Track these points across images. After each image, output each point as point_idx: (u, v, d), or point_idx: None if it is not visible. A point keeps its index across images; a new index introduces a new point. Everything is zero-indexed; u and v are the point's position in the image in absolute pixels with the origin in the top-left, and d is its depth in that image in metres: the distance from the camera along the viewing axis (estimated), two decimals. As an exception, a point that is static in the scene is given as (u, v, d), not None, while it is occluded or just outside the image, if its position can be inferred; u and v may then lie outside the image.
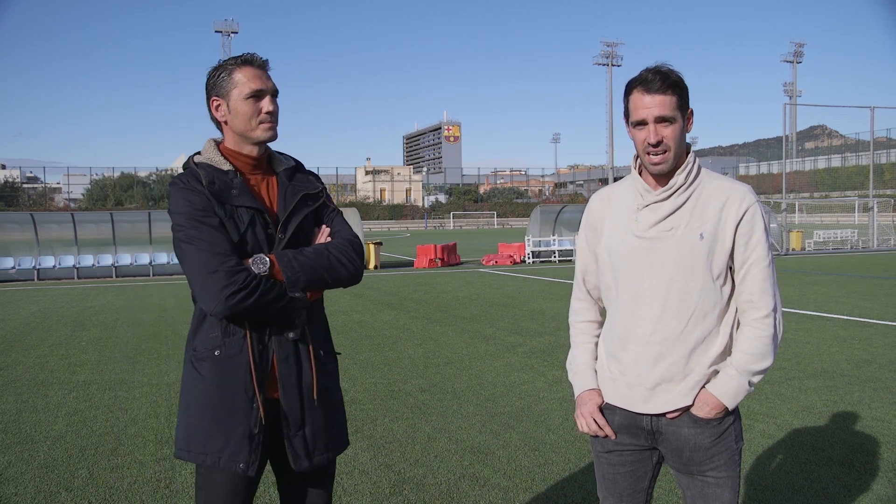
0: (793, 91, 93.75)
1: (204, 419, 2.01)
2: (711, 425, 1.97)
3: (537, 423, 5.09)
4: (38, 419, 5.47)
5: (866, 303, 11.12)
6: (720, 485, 1.99)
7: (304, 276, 1.99)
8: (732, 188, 1.96)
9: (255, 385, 1.99)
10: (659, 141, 1.90)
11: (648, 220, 1.99)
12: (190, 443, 2.03)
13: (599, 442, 2.14)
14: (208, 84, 2.07)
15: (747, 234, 1.93)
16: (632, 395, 2.02)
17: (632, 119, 1.94)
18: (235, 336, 2.00)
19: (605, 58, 79.42)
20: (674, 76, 1.91)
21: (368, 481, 4.07)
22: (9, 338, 9.37)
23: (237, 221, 1.99)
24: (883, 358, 7.00)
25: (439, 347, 8.07)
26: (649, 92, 1.89)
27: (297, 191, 2.13)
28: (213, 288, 1.88)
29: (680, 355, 1.95)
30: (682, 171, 1.97)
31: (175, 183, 2.01)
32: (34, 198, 73.42)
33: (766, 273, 1.94)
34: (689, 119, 1.97)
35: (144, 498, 3.88)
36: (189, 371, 2.06)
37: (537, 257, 21.86)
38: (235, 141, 2.08)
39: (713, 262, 1.94)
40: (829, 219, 55.26)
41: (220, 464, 1.99)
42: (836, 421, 5.01)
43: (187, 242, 1.93)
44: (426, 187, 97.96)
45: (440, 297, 12.94)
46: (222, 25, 73.79)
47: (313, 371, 2.08)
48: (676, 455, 2.01)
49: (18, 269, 18.70)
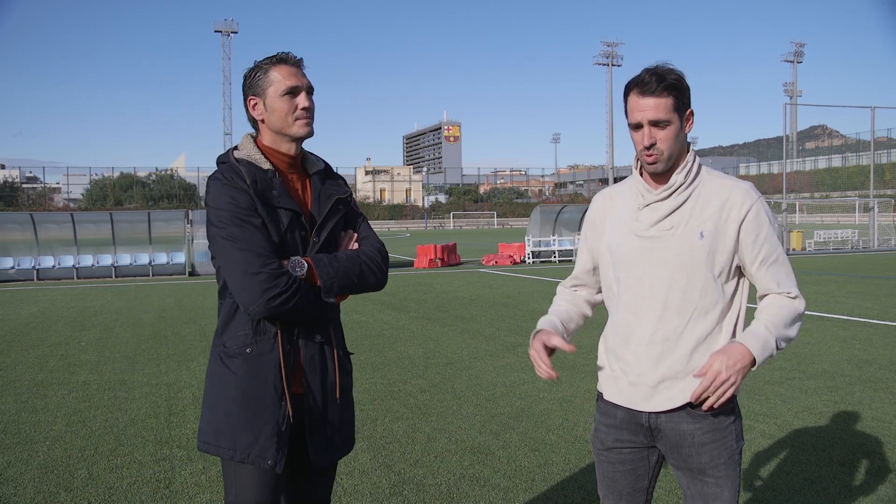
0: (793, 91, 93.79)
1: (233, 414, 2.03)
2: (709, 420, 1.96)
3: (537, 424, 5.08)
4: (38, 419, 5.46)
5: (867, 303, 11.11)
6: (720, 484, 1.98)
7: (339, 281, 2.05)
8: (733, 186, 1.96)
9: (283, 383, 2.03)
10: (652, 143, 1.92)
11: (649, 220, 1.99)
12: (219, 437, 2.05)
13: (599, 440, 2.14)
14: (245, 84, 2.12)
15: (754, 231, 1.93)
16: (633, 394, 2.02)
17: (629, 121, 1.96)
18: (266, 335, 2.03)
19: (605, 58, 79.45)
20: (671, 77, 1.90)
21: (368, 481, 4.07)
22: (8, 338, 9.37)
23: (278, 222, 2.02)
24: (883, 358, 6.99)
25: (439, 347, 8.07)
26: (644, 94, 1.90)
27: (330, 194, 2.17)
28: (256, 289, 1.91)
29: (682, 354, 1.95)
30: (681, 170, 1.97)
31: (217, 178, 2.02)
32: (34, 198, 73.40)
33: (783, 264, 1.97)
34: (688, 120, 1.96)
35: (144, 498, 3.87)
36: (218, 366, 2.08)
37: (537, 257, 21.85)
38: (273, 139, 2.11)
39: (714, 261, 1.94)
40: (829, 219, 55.26)
41: (249, 459, 2.02)
42: (836, 421, 5.00)
43: (230, 240, 1.95)
44: (426, 187, 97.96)
45: (440, 298, 12.93)
46: (222, 25, 73.84)
47: (336, 371, 2.15)
48: (675, 451, 2.00)
49: (18, 270, 18.69)
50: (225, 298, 2.09)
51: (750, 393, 5.75)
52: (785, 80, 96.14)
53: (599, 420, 2.16)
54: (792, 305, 1.96)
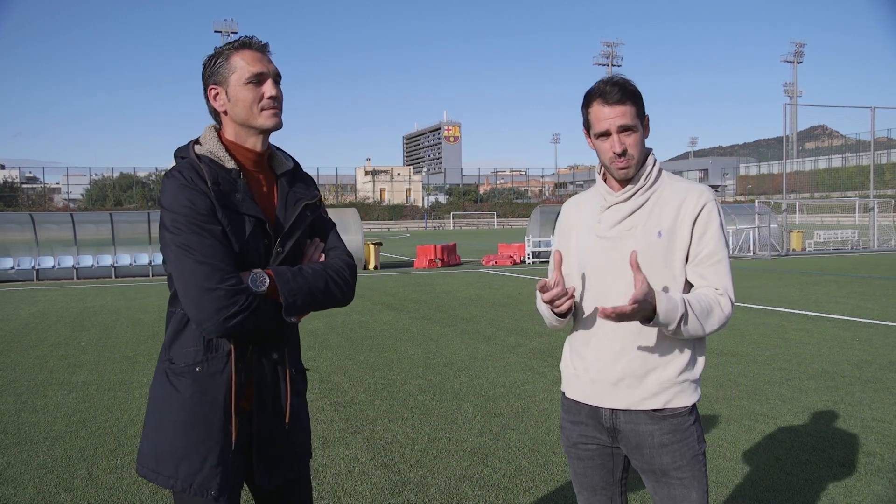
0: (793, 91, 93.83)
1: (177, 438, 1.85)
2: (668, 420, 1.99)
3: (537, 424, 5.08)
4: (38, 420, 5.46)
5: (867, 303, 11.11)
6: (685, 485, 2.00)
7: (301, 299, 1.87)
8: (690, 188, 2.03)
9: (233, 406, 1.86)
10: (624, 150, 1.97)
11: (610, 221, 2.06)
12: (159, 463, 1.87)
13: (565, 436, 2.18)
14: (205, 72, 1.92)
15: (702, 228, 1.98)
16: (595, 391, 2.06)
17: (594, 131, 2.01)
18: (219, 352, 1.85)
19: (605, 58, 79.48)
20: (630, 86, 1.98)
21: (368, 482, 4.07)
22: (8, 338, 9.37)
23: (240, 230, 1.84)
24: (883, 358, 6.99)
25: (439, 348, 8.06)
26: (609, 103, 1.96)
27: (297, 199, 1.99)
28: (211, 307, 1.74)
29: (640, 350, 1.99)
30: (641, 174, 2.04)
31: (174, 176, 1.82)
32: (33, 198, 73.39)
33: (722, 266, 1.97)
34: (646, 126, 2.04)
35: (144, 499, 3.87)
36: (164, 384, 1.89)
37: (537, 258, 21.84)
38: (237, 132, 1.93)
39: (672, 259, 1.99)
40: (829, 219, 55.25)
41: (189, 491, 1.84)
42: (836, 422, 5.00)
43: (185, 249, 1.76)
44: (426, 187, 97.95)
45: (440, 298, 12.93)
46: (222, 25, 73.85)
47: (287, 393, 1.98)
48: (637, 452, 2.03)
49: (18, 270, 18.70)
50: (176, 307, 1.89)
51: (750, 393, 5.75)
52: (785, 81, 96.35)
53: (564, 418, 2.19)
54: (718, 300, 1.94)
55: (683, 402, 2.00)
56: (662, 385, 1.99)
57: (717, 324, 1.95)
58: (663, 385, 1.99)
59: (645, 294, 1.80)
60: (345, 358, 7.58)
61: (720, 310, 1.94)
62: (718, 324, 1.95)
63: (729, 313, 1.96)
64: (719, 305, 1.94)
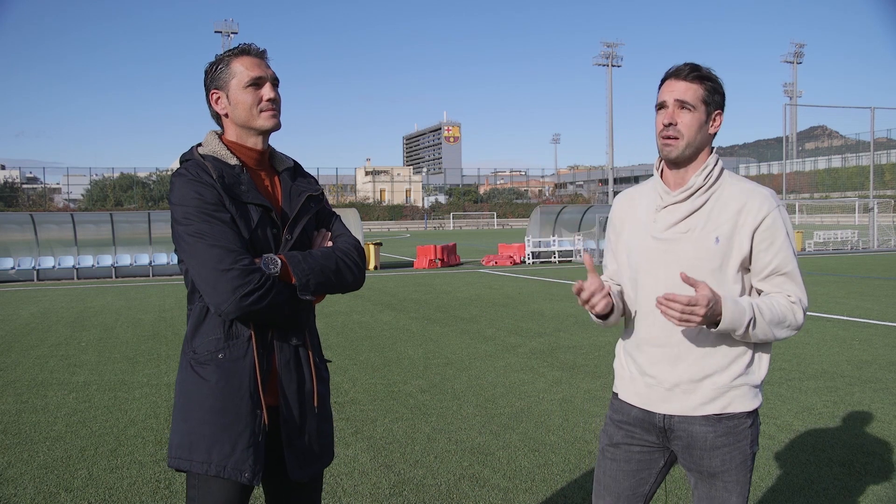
0: (793, 91, 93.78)
1: (208, 425, 1.91)
2: (724, 423, 1.94)
3: (537, 424, 5.08)
4: (38, 420, 5.46)
5: (866, 303, 11.11)
6: (728, 489, 1.96)
7: (314, 279, 1.94)
8: (752, 191, 1.94)
9: (259, 390, 1.92)
10: (672, 123, 1.91)
11: (666, 222, 1.98)
12: (192, 451, 1.92)
13: (607, 435, 2.12)
14: (206, 78, 2.02)
15: (767, 240, 1.90)
16: (650, 395, 2.01)
17: (656, 102, 1.97)
18: (239, 339, 1.92)
19: (605, 58, 79.38)
20: (706, 71, 1.94)
21: (368, 482, 4.07)
22: (8, 338, 9.37)
23: (247, 218, 1.92)
24: (883, 359, 7.00)
25: (439, 348, 8.07)
26: (677, 78, 1.94)
27: (301, 191, 2.08)
28: (226, 287, 1.80)
29: (696, 357, 1.94)
30: (701, 172, 1.96)
31: (181, 174, 1.92)
32: (34, 198, 73.44)
33: (794, 276, 1.92)
34: (714, 119, 1.96)
35: (144, 498, 3.88)
36: (189, 375, 1.96)
37: (537, 258, 21.85)
38: (238, 133, 2.02)
39: (727, 266, 1.92)
40: (829, 219, 55.26)
41: (224, 473, 1.90)
42: (836, 422, 5.00)
43: (197, 237, 1.84)
44: (426, 188, 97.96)
45: (440, 298, 12.93)
46: (222, 26, 73.76)
47: (313, 378, 2.04)
48: (687, 452, 1.99)
49: (18, 270, 18.70)
50: (194, 302, 1.97)
51: (750, 393, 5.75)
52: (785, 81, 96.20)
53: (611, 416, 2.13)
54: (791, 308, 1.91)
55: (741, 407, 1.94)
56: (719, 390, 1.93)
57: (788, 332, 1.91)
58: (720, 390, 1.93)
59: (708, 299, 1.78)
60: (345, 358, 7.58)
61: (793, 318, 1.90)
62: (790, 332, 1.92)
63: (801, 322, 1.92)
64: (793, 313, 1.90)
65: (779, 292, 1.93)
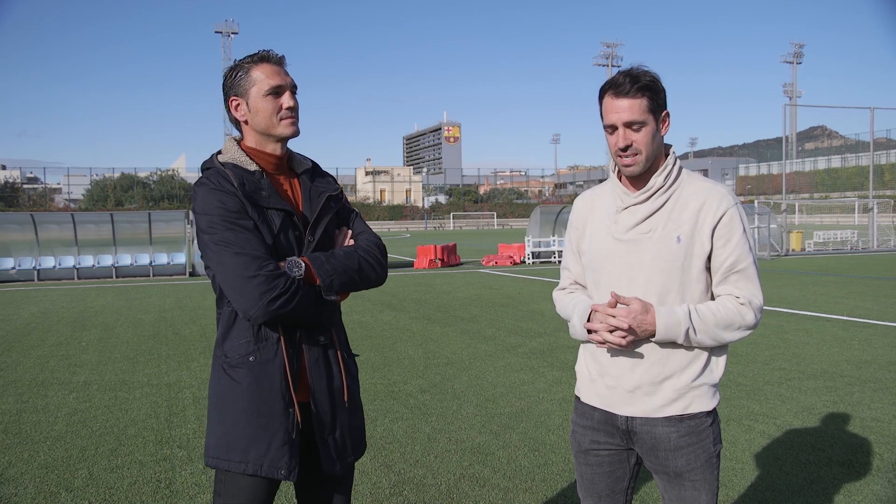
0: (793, 92, 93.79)
1: (243, 426, 1.97)
2: (686, 423, 1.96)
3: (537, 424, 5.09)
4: (39, 419, 5.47)
5: (866, 303, 11.12)
6: (697, 488, 1.98)
7: (338, 279, 1.99)
8: (710, 190, 1.95)
9: (291, 390, 1.97)
10: (628, 145, 1.91)
11: (627, 223, 1.99)
12: (229, 451, 1.98)
13: (576, 441, 2.15)
14: (225, 84, 2.05)
15: (725, 237, 1.92)
16: (611, 397, 2.03)
17: (604, 123, 1.96)
18: (268, 341, 1.97)
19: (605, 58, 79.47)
20: (646, 79, 1.89)
21: (368, 482, 4.07)
22: (9, 338, 9.37)
23: (270, 224, 1.96)
24: (883, 358, 7.00)
25: (439, 348, 8.07)
26: (619, 96, 1.90)
27: (320, 192, 2.12)
28: (253, 293, 1.85)
29: (655, 359, 1.96)
30: (660, 173, 1.97)
31: (203, 183, 1.97)
32: (34, 198, 73.44)
33: (747, 274, 1.93)
34: (663, 121, 1.95)
35: (144, 498, 3.88)
36: (222, 377, 2.01)
37: (537, 258, 21.85)
38: (257, 140, 2.05)
39: (690, 265, 1.93)
40: (828, 219, 55.25)
41: (261, 472, 1.96)
42: (835, 421, 5.01)
43: (223, 245, 1.88)
44: (426, 188, 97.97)
45: (440, 298, 12.94)
46: (222, 26, 73.77)
47: (342, 374, 2.10)
48: (651, 454, 2.01)
49: (18, 270, 18.69)
50: (223, 307, 2.02)
51: (749, 393, 5.76)
52: (784, 81, 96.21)
53: (576, 422, 2.16)
54: (739, 310, 1.91)
55: (701, 407, 1.97)
56: (679, 391, 1.95)
57: (739, 333, 1.92)
58: (680, 391, 1.95)
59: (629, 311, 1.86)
60: (345, 358, 7.57)
61: (741, 319, 1.90)
62: (741, 333, 1.92)
63: (751, 321, 1.92)
64: (740, 315, 1.90)
65: (728, 294, 1.94)
